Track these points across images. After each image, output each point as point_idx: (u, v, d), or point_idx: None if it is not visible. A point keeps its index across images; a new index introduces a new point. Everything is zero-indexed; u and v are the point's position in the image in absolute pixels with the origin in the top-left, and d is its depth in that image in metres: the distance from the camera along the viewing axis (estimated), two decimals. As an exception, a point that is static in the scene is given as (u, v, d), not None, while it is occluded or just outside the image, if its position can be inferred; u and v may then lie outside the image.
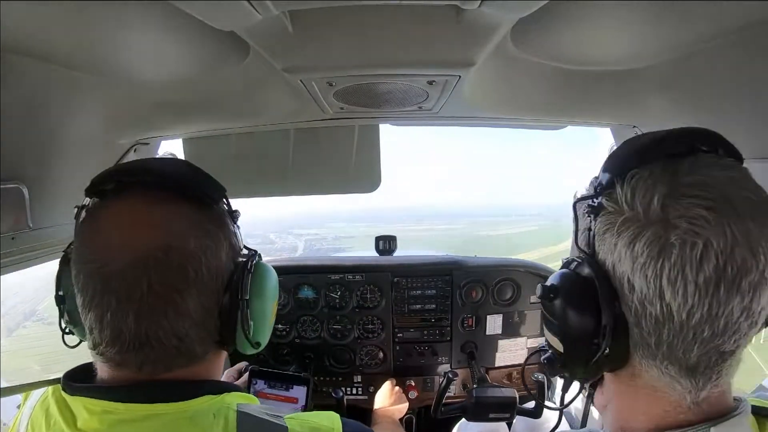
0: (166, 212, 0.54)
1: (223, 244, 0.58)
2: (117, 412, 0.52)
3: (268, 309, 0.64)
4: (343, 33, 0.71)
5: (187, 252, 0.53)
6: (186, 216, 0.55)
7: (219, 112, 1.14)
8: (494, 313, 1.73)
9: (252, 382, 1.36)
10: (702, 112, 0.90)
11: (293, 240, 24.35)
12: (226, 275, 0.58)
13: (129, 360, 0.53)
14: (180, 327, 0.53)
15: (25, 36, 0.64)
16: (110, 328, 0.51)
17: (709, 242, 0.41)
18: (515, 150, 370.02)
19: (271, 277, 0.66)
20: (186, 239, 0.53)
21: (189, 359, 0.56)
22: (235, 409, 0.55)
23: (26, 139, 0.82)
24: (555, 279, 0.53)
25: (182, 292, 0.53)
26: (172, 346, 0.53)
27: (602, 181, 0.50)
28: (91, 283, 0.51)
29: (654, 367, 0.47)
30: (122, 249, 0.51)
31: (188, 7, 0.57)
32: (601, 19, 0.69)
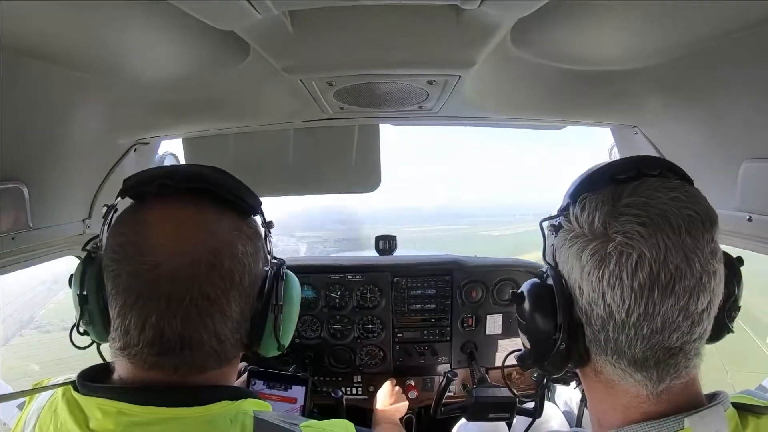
0: (214, 217, 0.56)
1: (260, 252, 0.62)
2: (132, 414, 0.51)
3: (295, 314, 0.68)
4: (343, 33, 0.71)
5: (235, 257, 0.56)
6: (231, 223, 0.58)
7: (219, 112, 1.14)
8: (494, 313, 1.73)
9: (251, 383, 1.36)
10: (702, 112, 0.89)
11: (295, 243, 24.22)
12: (260, 281, 0.62)
13: (165, 362, 0.54)
14: (222, 329, 0.55)
15: (25, 36, 0.64)
16: (153, 330, 0.52)
17: (643, 253, 0.48)
18: (515, 149, 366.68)
19: (297, 284, 0.69)
20: (234, 245, 0.56)
21: (221, 361, 0.58)
22: (252, 416, 0.55)
23: (26, 139, 0.82)
24: (525, 286, 0.62)
25: (229, 296, 0.55)
26: (211, 347, 0.55)
27: (563, 204, 0.59)
28: (137, 283, 0.52)
29: (607, 362, 0.54)
30: (173, 252, 0.52)
31: (188, 7, 0.57)
32: (601, 19, 0.69)
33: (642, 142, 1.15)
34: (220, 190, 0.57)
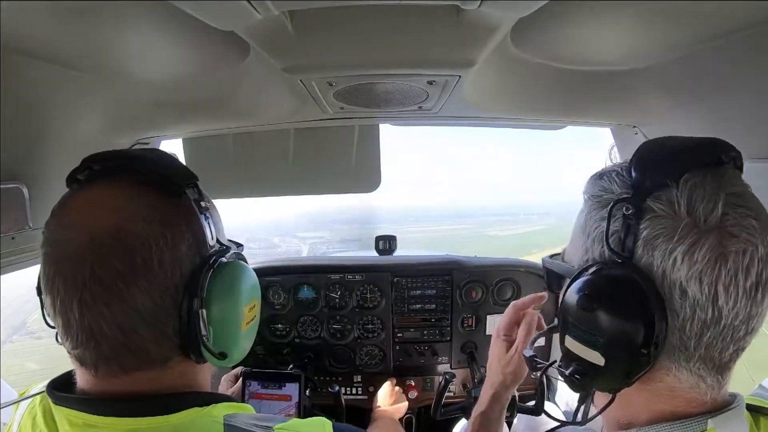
0: (124, 197, 0.51)
1: (185, 236, 0.53)
2: (98, 426, 0.50)
3: (234, 314, 0.57)
4: (343, 33, 0.71)
5: (135, 236, 0.49)
6: (144, 202, 0.52)
7: (219, 112, 1.14)
8: (494, 313, 1.73)
9: (246, 384, 1.37)
10: (702, 112, 0.89)
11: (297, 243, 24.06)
12: (188, 271, 0.53)
13: (85, 357, 0.50)
14: (124, 320, 0.49)
15: (25, 36, 0.64)
16: (61, 317, 0.49)
17: (756, 250, 0.44)
18: (520, 147, 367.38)
19: (240, 277, 0.59)
20: (135, 224, 0.50)
21: (144, 361, 0.52)
22: (222, 422, 0.53)
23: (26, 139, 0.82)
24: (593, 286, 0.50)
25: (127, 281, 0.48)
26: (117, 341, 0.49)
27: (646, 181, 0.48)
28: (47, 264, 0.50)
29: (685, 369, 0.48)
30: (73, 230, 0.49)
31: (188, 7, 0.57)
32: (601, 19, 0.69)
33: (642, 142, 1.15)
34: (140, 168, 0.53)
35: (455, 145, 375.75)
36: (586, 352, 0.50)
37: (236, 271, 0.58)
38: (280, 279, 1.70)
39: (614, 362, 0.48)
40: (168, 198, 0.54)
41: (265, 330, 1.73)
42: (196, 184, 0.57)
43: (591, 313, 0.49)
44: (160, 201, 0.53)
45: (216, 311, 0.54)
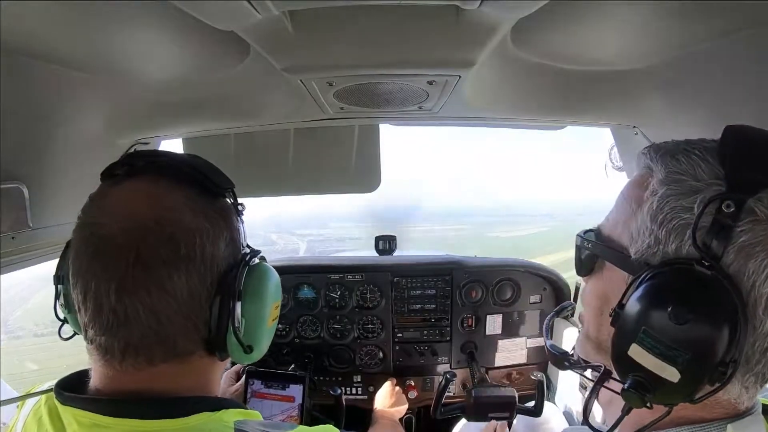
0: (169, 191, 0.53)
1: (223, 234, 0.56)
2: (107, 426, 0.50)
3: (263, 310, 0.60)
4: (343, 33, 0.71)
5: (181, 226, 0.51)
6: (187, 196, 0.54)
7: (219, 112, 1.14)
8: (494, 313, 1.73)
9: (249, 383, 1.37)
10: (702, 112, 0.90)
11: (296, 241, 23.85)
12: (223, 268, 0.55)
13: (111, 345, 0.51)
14: (161, 306, 0.50)
15: (25, 36, 0.64)
16: (93, 302, 0.49)
17: None
18: (518, 148, 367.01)
19: (271, 277, 0.62)
20: (184, 214, 0.52)
21: (170, 353, 0.53)
22: (232, 428, 0.53)
23: (26, 139, 0.82)
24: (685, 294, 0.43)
25: (170, 269, 0.50)
26: (149, 326, 0.50)
27: (747, 177, 0.43)
28: (83, 248, 0.50)
29: (737, 381, 0.45)
30: (116, 215, 0.50)
31: (188, 7, 0.57)
32: (601, 19, 0.69)
33: (642, 142, 1.15)
34: (181, 170, 0.55)
35: (455, 144, 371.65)
36: (661, 366, 0.44)
37: (267, 271, 0.62)
38: (280, 279, 1.70)
39: (690, 379, 0.43)
40: (210, 197, 0.57)
41: None
42: (233, 189, 0.61)
43: (679, 324, 0.42)
44: (203, 198, 0.56)
45: (248, 307, 0.57)
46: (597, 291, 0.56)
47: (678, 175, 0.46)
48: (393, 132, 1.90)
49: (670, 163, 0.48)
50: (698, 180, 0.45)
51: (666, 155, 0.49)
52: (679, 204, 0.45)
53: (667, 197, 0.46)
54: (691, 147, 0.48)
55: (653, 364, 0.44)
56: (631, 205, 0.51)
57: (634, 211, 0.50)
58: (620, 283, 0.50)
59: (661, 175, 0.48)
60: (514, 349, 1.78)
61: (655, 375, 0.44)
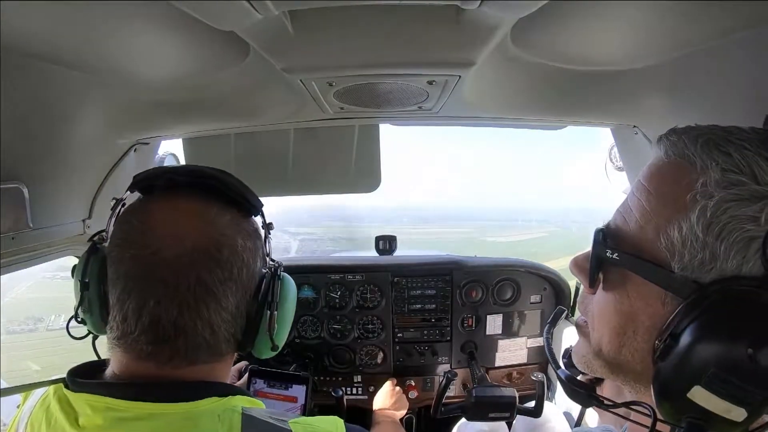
0: (217, 211, 0.58)
1: (259, 251, 0.63)
2: (120, 409, 0.52)
3: (290, 315, 0.68)
4: (343, 33, 0.71)
5: (234, 249, 0.57)
6: (233, 218, 0.59)
7: (219, 112, 1.14)
8: (494, 313, 1.73)
9: (252, 382, 1.37)
10: (702, 112, 0.89)
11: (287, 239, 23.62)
12: (258, 280, 0.62)
13: (159, 351, 0.55)
14: (216, 320, 0.56)
15: (25, 36, 0.64)
16: (150, 316, 0.53)
17: None
18: (513, 151, 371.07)
19: (293, 287, 0.70)
20: (234, 238, 0.58)
21: (212, 355, 0.59)
22: (240, 412, 0.55)
23: (26, 139, 0.82)
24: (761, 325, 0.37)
25: (225, 286, 0.56)
26: (203, 338, 0.56)
27: None
28: (138, 269, 0.53)
29: None
30: (175, 239, 0.53)
31: (188, 7, 0.57)
32: (601, 19, 0.69)
33: (642, 142, 1.15)
34: (225, 188, 0.60)
35: (452, 145, 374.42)
36: (728, 408, 0.38)
37: (290, 281, 0.69)
38: None
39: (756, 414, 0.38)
40: (249, 217, 0.63)
41: None
42: (262, 209, 0.66)
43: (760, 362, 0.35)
44: (244, 219, 0.62)
45: (280, 312, 0.64)
46: (620, 308, 0.47)
47: (735, 176, 0.39)
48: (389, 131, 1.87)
49: (721, 159, 0.40)
50: (759, 182, 0.38)
51: (712, 147, 0.41)
52: (741, 213, 0.38)
53: (726, 204, 0.38)
54: (737, 138, 0.41)
55: (720, 408, 0.38)
56: (667, 207, 0.43)
57: (673, 215, 0.41)
58: (654, 302, 0.43)
59: (716, 174, 0.39)
60: (514, 349, 1.78)
61: (719, 417, 0.38)
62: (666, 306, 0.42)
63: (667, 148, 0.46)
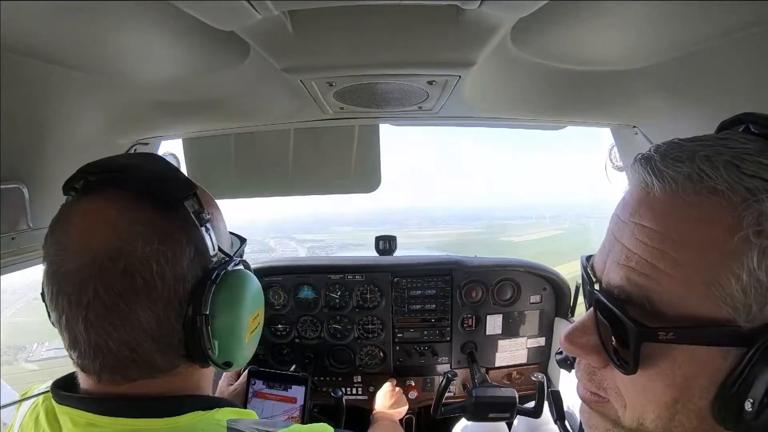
0: (120, 213, 0.50)
1: (185, 250, 0.52)
2: (101, 425, 0.50)
3: (237, 324, 0.57)
4: (343, 33, 0.71)
5: (133, 257, 0.49)
6: (142, 218, 0.51)
7: (219, 112, 1.14)
8: (494, 313, 1.73)
9: (251, 383, 1.37)
10: (702, 112, 0.89)
11: (295, 246, 23.24)
12: (190, 286, 0.52)
13: (88, 367, 0.51)
14: (130, 337, 0.49)
15: (25, 36, 0.64)
16: (67, 332, 0.50)
17: None
18: (521, 148, 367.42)
19: (244, 287, 0.58)
20: (134, 244, 0.49)
21: (151, 370, 0.53)
22: (225, 426, 0.53)
23: (26, 139, 0.82)
24: None
25: (129, 301, 0.49)
26: (124, 356, 0.50)
27: None
28: (49, 282, 0.50)
29: None
30: (74, 251, 0.49)
31: (188, 7, 0.57)
32: (601, 19, 0.69)
33: (642, 142, 1.15)
34: (136, 180, 0.52)
35: (458, 144, 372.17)
36: None
37: (238, 281, 0.57)
38: (281, 279, 1.71)
39: None
40: (166, 211, 0.52)
41: (265, 330, 1.73)
42: (194, 194, 0.55)
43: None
44: (158, 215, 0.52)
45: (220, 324, 0.54)
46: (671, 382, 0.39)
47: None
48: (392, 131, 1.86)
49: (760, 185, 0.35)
50: None
51: (736, 171, 0.36)
52: None
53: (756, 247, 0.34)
54: (746, 154, 0.36)
55: None
56: (710, 256, 0.36)
57: (722, 263, 0.35)
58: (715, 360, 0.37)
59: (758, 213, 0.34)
60: (514, 349, 1.78)
61: None
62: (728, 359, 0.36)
63: (671, 177, 0.38)
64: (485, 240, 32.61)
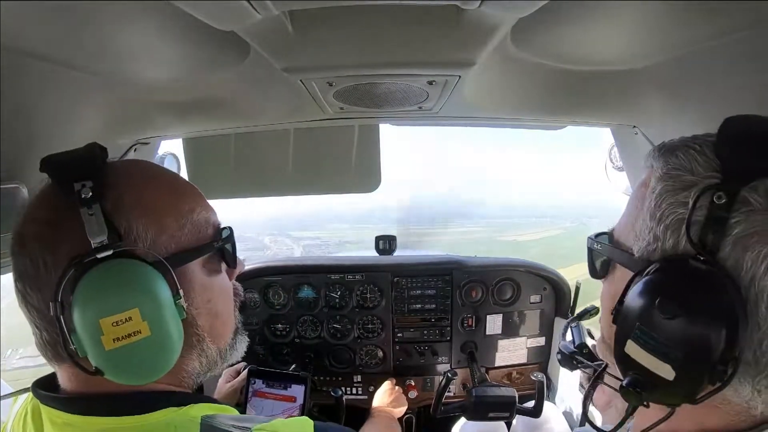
0: (33, 198, 0.54)
1: (66, 235, 0.49)
2: (77, 425, 0.51)
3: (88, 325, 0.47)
4: (343, 33, 0.71)
5: (23, 240, 0.51)
6: (38, 203, 0.53)
7: (219, 112, 1.14)
8: (494, 312, 1.73)
9: (251, 382, 1.37)
10: (702, 112, 0.89)
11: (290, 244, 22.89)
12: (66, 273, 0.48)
13: None
14: (32, 317, 0.52)
15: (25, 36, 0.64)
16: None
17: None
18: (522, 146, 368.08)
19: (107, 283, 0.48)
20: (27, 226, 0.51)
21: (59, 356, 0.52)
22: (198, 422, 0.52)
23: (26, 139, 0.82)
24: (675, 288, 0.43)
25: (24, 283, 0.50)
26: (36, 334, 0.53)
27: (741, 167, 0.42)
28: None
29: (748, 384, 0.43)
30: None
31: (188, 7, 0.57)
32: (601, 19, 0.69)
33: (642, 142, 1.15)
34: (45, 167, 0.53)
35: (456, 140, 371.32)
36: (655, 363, 0.43)
37: (99, 275, 0.48)
38: (281, 279, 1.71)
39: (686, 377, 0.42)
40: (58, 195, 0.51)
41: (265, 330, 1.73)
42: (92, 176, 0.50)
43: (670, 320, 0.42)
44: (53, 199, 0.52)
45: (75, 321, 0.48)
46: (608, 292, 0.57)
47: (675, 171, 0.46)
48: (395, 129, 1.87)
49: (669, 159, 0.47)
50: (694, 174, 0.45)
51: (667, 152, 0.48)
52: (675, 199, 0.45)
53: (664, 193, 0.46)
54: (692, 142, 0.47)
55: (648, 362, 0.44)
56: (636, 205, 0.51)
57: (639, 210, 0.50)
58: (626, 282, 0.50)
59: (660, 171, 0.48)
60: (514, 349, 1.78)
61: (651, 372, 0.44)
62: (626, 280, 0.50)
63: (646, 160, 0.54)
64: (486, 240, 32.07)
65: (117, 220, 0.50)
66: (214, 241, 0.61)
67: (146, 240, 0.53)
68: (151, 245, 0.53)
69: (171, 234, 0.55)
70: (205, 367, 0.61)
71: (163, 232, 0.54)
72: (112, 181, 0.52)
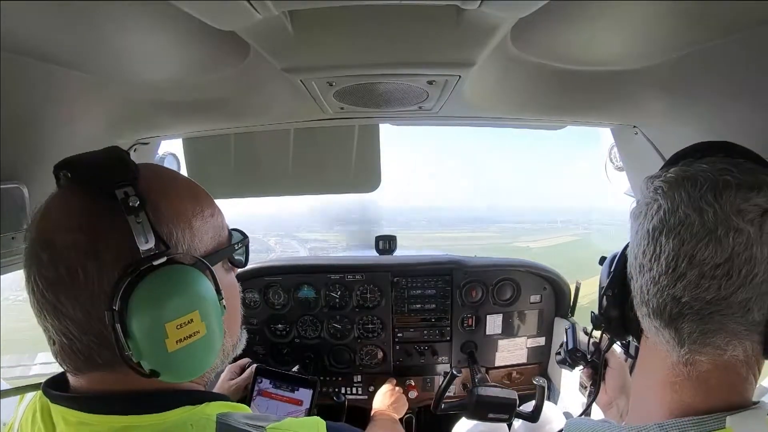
0: (60, 205, 0.52)
1: (108, 243, 0.49)
2: (92, 423, 0.50)
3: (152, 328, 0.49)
4: (343, 33, 0.71)
5: (55, 246, 0.48)
6: (68, 208, 0.51)
7: (219, 112, 1.14)
8: (494, 313, 1.73)
9: (257, 380, 1.36)
10: (702, 112, 0.89)
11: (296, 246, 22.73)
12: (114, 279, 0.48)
13: (57, 358, 0.53)
14: (63, 328, 0.49)
15: (25, 36, 0.64)
16: None
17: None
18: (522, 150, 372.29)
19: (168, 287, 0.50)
20: (59, 233, 0.49)
21: (92, 363, 0.51)
22: (214, 420, 0.53)
23: (26, 139, 0.82)
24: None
25: (56, 291, 0.48)
26: (64, 347, 0.51)
27: None
28: None
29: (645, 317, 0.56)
30: (27, 243, 0.51)
31: (188, 7, 0.57)
32: (601, 19, 0.69)
33: (642, 142, 1.15)
34: (75, 172, 0.52)
35: (465, 145, 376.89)
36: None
37: (160, 280, 0.50)
38: (281, 279, 1.71)
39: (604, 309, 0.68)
40: (95, 202, 0.50)
41: (265, 330, 1.73)
42: (132, 183, 0.51)
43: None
44: (90, 206, 0.50)
45: (133, 324, 0.48)
46: None
47: None
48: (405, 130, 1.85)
49: None
50: None
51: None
52: None
53: None
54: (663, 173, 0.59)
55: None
56: None
57: None
58: None
59: None
60: (514, 349, 1.78)
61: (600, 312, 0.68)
62: None
63: None
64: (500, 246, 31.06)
65: (159, 226, 0.51)
66: (235, 243, 0.64)
67: (184, 244, 0.55)
68: (189, 249, 0.55)
69: (200, 237, 0.58)
70: (220, 362, 0.63)
71: (194, 236, 0.57)
72: (143, 186, 0.52)
